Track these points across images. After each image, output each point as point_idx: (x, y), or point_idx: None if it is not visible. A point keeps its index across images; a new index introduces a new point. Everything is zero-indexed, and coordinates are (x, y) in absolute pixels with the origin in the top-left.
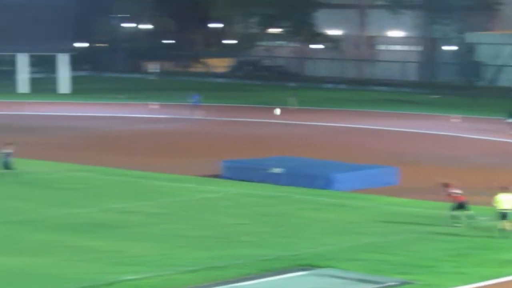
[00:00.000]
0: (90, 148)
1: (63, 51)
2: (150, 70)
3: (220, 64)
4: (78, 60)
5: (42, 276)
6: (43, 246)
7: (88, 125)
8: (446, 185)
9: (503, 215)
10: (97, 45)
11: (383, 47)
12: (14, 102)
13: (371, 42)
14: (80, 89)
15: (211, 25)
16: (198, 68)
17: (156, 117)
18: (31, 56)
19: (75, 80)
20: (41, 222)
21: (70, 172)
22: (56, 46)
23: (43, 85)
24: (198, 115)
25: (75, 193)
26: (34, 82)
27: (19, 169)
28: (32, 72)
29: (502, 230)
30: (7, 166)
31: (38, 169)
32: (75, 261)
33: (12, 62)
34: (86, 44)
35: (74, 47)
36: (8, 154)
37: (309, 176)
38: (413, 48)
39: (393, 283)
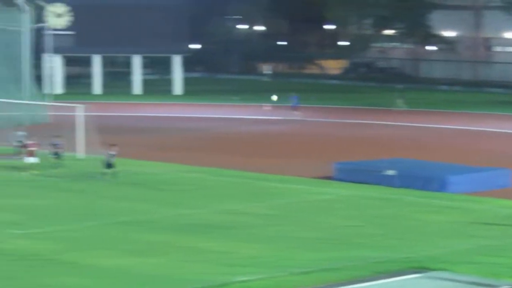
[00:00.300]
0: (202, 149)
1: (178, 52)
2: (264, 72)
3: (334, 66)
4: (191, 62)
5: (154, 276)
6: (155, 247)
7: (201, 126)
8: None
9: None
10: (211, 46)
11: (499, 49)
12: (128, 103)
13: (487, 43)
14: (194, 90)
15: (325, 27)
16: (312, 70)
17: (269, 119)
18: (145, 58)
19: (188, 82)
20: (153, 223)
21: (182, 173)
22: (171, 47)
23: (157, 86)
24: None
25: (187, 194)
26: (148, 84)
27: (131, 170)
28: (146, 74)
29: None
30: (109, 166)
31: (151, 170)
32: (187, 262)
33: (127, 64)
34: (199, 46)
35: (189, 49)
36: (112, 155)
37: (423, 178)
38: None
39: (508, 287)
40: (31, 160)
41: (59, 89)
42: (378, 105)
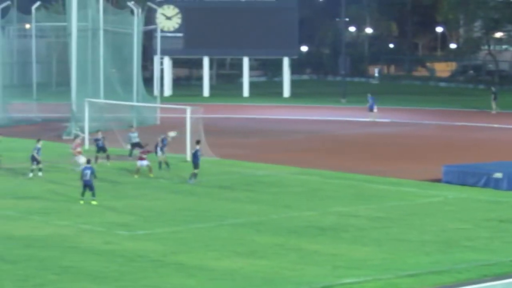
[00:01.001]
0: (312, 151)
1: (288, 54)
2: (374, 74)
3: (443, 69)
4: (301, 64)
5: (263, 279)
6: (264, 249)
7: (309, 128)
8: None
9: None
10: (320, 48)
11: None
12: (237, 106)
13: None
14: (302, 93)
15: (434, 29)
16: (421, 72)
17: (377, 121)
18: (254, 60)
19: (297, 84)
20: (263, 225)
21: (291, 175)
22: (281, 49)
23: (265, 88)
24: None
25: (297, 196)
26: (256, 86)
27: (241, 172)
28: (254, 76)
29: None
30: (195, 164)
31: (261, 172)
32: (296, 264)
33: (235, 66)
34: (307, 48)
35: (299, 51)
36: (196, 151)
37: None
38: None
39: None
40: (144, 162)
41: (168, 91)
42: (486, 108)
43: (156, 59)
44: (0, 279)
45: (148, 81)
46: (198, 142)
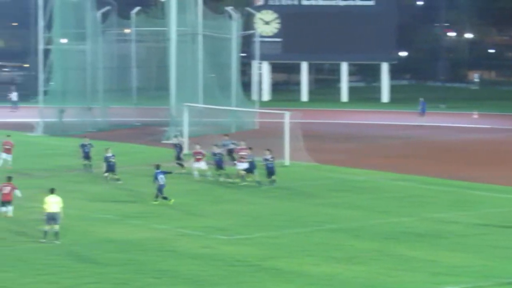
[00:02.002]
0: (409, 157)
1: (386, 60)
2: (473, 80)
3: None
4: (399, 69)
5: (360, 284)
6: (362, 254)
7: (407, 134)
8: None
9: None
10: (419, 53)
11: None
12: (335, 111)
13: None
14: (401, 98)
15: None
16: None
17: (478, 127)
18: (352, 65)
19: (395, 89)
20: (360, 230)
21: (389, 180)
22: (380, 54)
23: (364, 93)
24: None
25: (395, 202)
26: (355, 91)
27: (338, 177)
28: (353, 81)
29: None
30: (270, 172)
31: (358, 177)
32: (395, 269)
33: (333, 71)
34: (406, 53)
35: (398, 56)
36: (267, 159)
37: None
38: None
39: None
40: (243, 165)
41: (266, 96)
42: None
43: (255, 64)
44: (100, 282)
45: (246, 86)
46: (268, 150)
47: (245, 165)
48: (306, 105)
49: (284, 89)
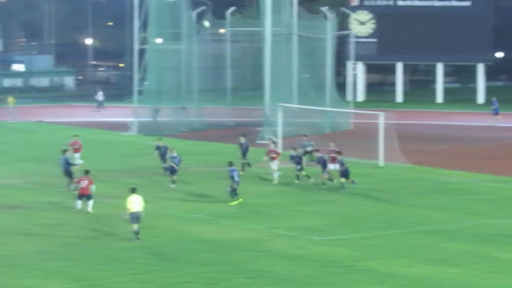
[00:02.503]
0: (504, 159)
1: (482, 60)
2: None
3: None
4: (494, 70)
5: (456, 286)
6: (456, 256)
7: (503, 135)
8: None
9: None
10: None
11: None
12: (430, 112)
13: None
14: (497, 99)
15: None
16: None
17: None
18: (447, 66)
19: (492, 90)
20: (455, 232)
21: (483, 182)
22: (475, 55)
23: (459, 95)
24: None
25: (489, 203)
26: (450, 92)
27: (434, 178)
28: (448, 82)
29: None
30: (344, 175)
31: (451, 178)
32: (489, 272)
33: (428, 72)
34: (501, 54)
35: (494, 57)
36: (342, 163)
37: None
38: None
39: None
40: (332, 166)
41: (360, 96)
42: None
43: (349, 64)
44: (193, 282)
45: (341, 86)
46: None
47: (333, 166)
48: (401, 106)
49: (378, 90)
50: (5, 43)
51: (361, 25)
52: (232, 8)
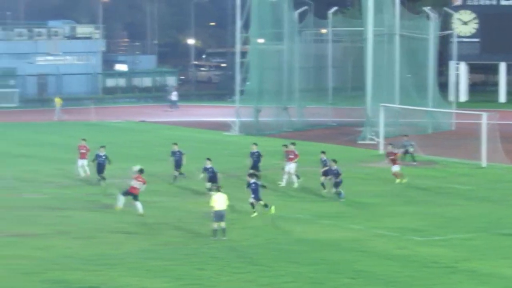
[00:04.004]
0: None
1: None
2: None
3: None
4: None
5: None
6: None
7: None
8: None
9: None
10: None
11: None
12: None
13: None
14: None
15: None
16: None
17: None
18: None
19: None
20: None
21: None
22: None
23: None
24: None
25: None
26: None
27: None
28: None
29: None
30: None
31: None
32: None
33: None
34: None
35: None
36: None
37: None
38: None
39: None
40: (396, 168)
41: (463, 96)
42: None
43: (452, 64)
44: (295, 281)
45: (443, 86)
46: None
47: (396, 168)
48: (504, 106)
49: (481, 90)
50: (108, 44)
51: (464, 25)
52: (334, 8)
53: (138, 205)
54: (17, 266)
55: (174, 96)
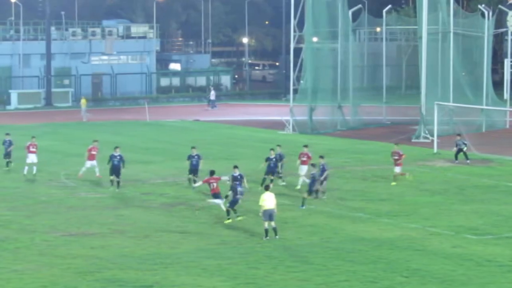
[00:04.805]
0: None
1: None
2: None
3: None
4: None
5: None
6: None
7: None
8: None
9: None
10: None
11: None
12: None
13: None
14: None
15: None
16: None
17: None
18: None
19: None
20: None
21: None
22: None
23: None
24: None
25: None
26: None
27: None
28: None
29: None
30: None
31: None
32: None
33: None
34: None
35: None
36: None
37: None
38: None
39: None
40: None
41: None
42: None
43: (507, 62)
44: (350, 280)
45: (497, 84)
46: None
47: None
48: None
49: None
50: (162, 43)
51: None
52: (388, 7)
53: (219, 201)
54: (73, 265)
55: (212, 95)
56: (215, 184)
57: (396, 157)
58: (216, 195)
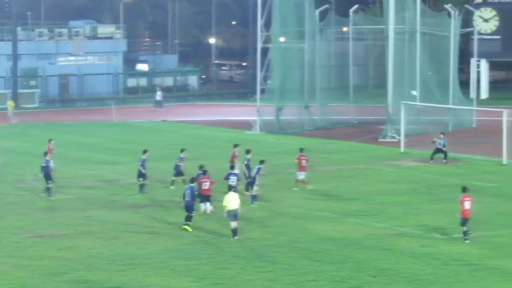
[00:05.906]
0: None
1: None
2: None
3: None
4: None
5: None
6: None
7: None
8: None
9: None
10: None
11: None
12: None
13: None
14: None
15: None
16: None
17: None
18: None
19: None
20: None
21: None
22: None
23: None
24: None
25: None
26: None
27: None
28: None
29: None
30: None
31: None
32: None
33: None
34: None
35: None
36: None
37: None
38: None
39: None
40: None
41: (484, 94)
42: None
43: (473, 61)
44: (318, 280)
45: (464, 84)
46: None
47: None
48: None
49: (502, 87)
50: (129, 44)
51: (485, 22)
52: (355, 6)
53: (208, 205)
54: (41, 266)
55: (158, 96)
56: (207, 184)
57: (303, 165)
58: (205, 197)
